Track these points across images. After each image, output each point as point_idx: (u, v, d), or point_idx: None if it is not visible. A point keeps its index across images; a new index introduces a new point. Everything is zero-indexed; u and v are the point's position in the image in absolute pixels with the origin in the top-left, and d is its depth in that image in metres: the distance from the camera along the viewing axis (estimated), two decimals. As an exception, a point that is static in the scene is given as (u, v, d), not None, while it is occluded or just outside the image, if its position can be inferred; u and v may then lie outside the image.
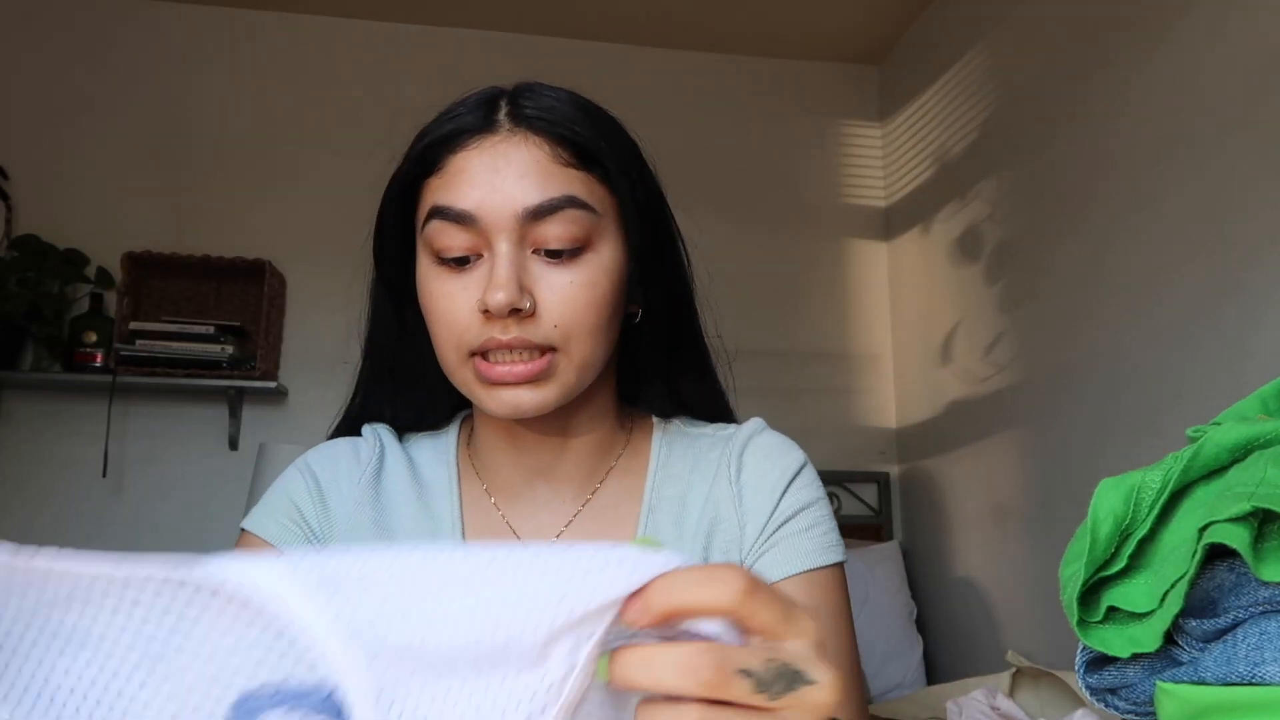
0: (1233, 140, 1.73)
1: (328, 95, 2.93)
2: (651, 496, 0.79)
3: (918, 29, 3.00)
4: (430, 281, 0.72)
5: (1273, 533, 0.53)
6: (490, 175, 0.69)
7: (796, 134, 3.19)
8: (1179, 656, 0.57)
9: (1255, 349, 1.66)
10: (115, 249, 2.65)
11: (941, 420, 2.77)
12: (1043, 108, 2.32)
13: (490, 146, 0.70)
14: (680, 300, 0.80)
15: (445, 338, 0.71)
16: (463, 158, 0.70)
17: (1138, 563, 0.59)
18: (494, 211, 0.68)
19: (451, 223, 0.69)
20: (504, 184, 0.69)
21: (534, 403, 0.70)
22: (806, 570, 0.74)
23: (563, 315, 0.69)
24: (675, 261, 0.80)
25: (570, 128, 0.71)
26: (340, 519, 0.77)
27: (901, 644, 2.58)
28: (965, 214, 2.66)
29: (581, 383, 0.72)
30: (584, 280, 0.70)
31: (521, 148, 0.70)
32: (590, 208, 0.70)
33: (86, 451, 2.64)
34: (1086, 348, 2.12)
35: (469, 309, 0.69)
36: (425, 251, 0.72)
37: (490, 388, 0.70)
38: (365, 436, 0.82)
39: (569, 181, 0.70)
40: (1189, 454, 0.59)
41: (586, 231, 0.70)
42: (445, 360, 0.72)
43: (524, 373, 0.69)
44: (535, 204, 0.68)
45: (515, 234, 0.68)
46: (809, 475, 0.79)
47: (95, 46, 2.86)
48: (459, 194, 0.69)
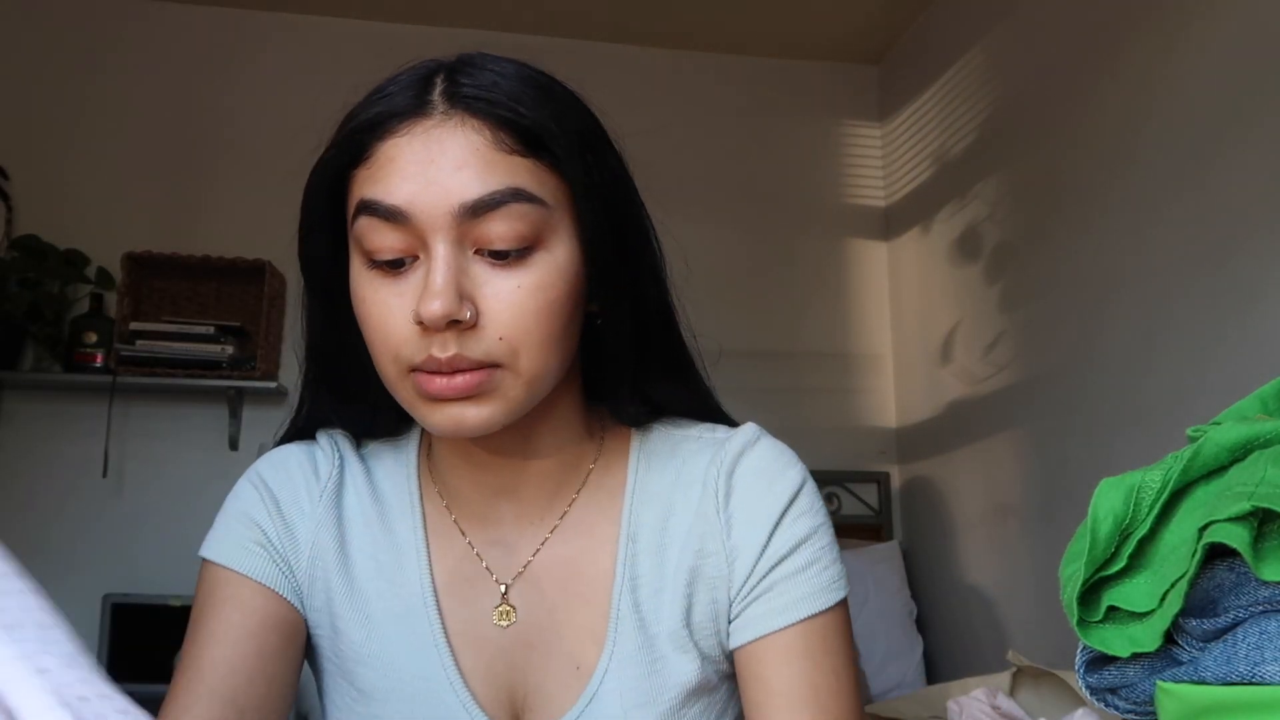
0: (1233, 140, 1.73)
1: (328, 95, 2.91)
2: (631, 521, 0.71)
3: (918, 29, 3.00)
4: (363, 287, 0.63)
5: (1273, 532, 0.53)
6: (423, 166, 0.60)
7: (796, 134, 3.19)
8: (1179, 656, 0.57)
9: (1256, 348, 1.66)
10: (115, 249, 2.65)
11: (941, 420, 2.77)
12: (1042, 108, 2.32)
13: (423, 132, 0.61)
14: (650, 296, 0.71)
15: (382, 351, 0.63)
16: (392, 145, 0.61)
17: (1138, 562, 0.59)
18: (428, 208, 0.60)
19: (382, 220, 0.61)
20: (439, 175, 0.60)
21: (478, 420, 0.62)
22: (804, 619, 0.67)
23: (509, 326, 0.61)
24: (643, 253, 0.70)
25: (514, 108, 0.61)
26: (304, 542, 0.70)
27: (901, 644, 2.58)
28: (965, 214, 2.66)
29: (533, 397, 0.64)
30: (533, 284, 0.61)
31: (458, 133, 0.61)
32: (539, 200, 0.61)
33: (86, 451, 2.64)
34: (1086, 348, 2.12)
35: (404, 319, 0.61)
36: (357, 251, 0.64)
37: (431, 404, 0.62)
38: (322, 445, 0.75)
39: (513, 171, 0.61)
40: (1189, 454, 0.59)
41: (535, 228, 0.61)
42: (384, 374, 0.64)
43: (462, 385, 0.60)
44: (474, 198, 0.59)
45: (453, 233, 0.60)
46: (807, 499, 0.70)
47: (96, 47, 2.86)
48: (388, 187, 0.60)
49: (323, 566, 0.70)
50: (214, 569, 0.69)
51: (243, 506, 0.71)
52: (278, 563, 0.69)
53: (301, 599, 0.70)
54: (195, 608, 0.69)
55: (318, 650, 0.72)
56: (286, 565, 0.70)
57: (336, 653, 0.70)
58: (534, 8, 2.95)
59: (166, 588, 2.55)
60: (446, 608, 0.70)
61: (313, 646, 0.72)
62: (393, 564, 0.71)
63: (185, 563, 1.15)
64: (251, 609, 0.67)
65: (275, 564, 0.69)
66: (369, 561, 0.71)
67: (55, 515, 2.63)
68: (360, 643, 0.69)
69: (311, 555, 0.70)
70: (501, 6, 2.94)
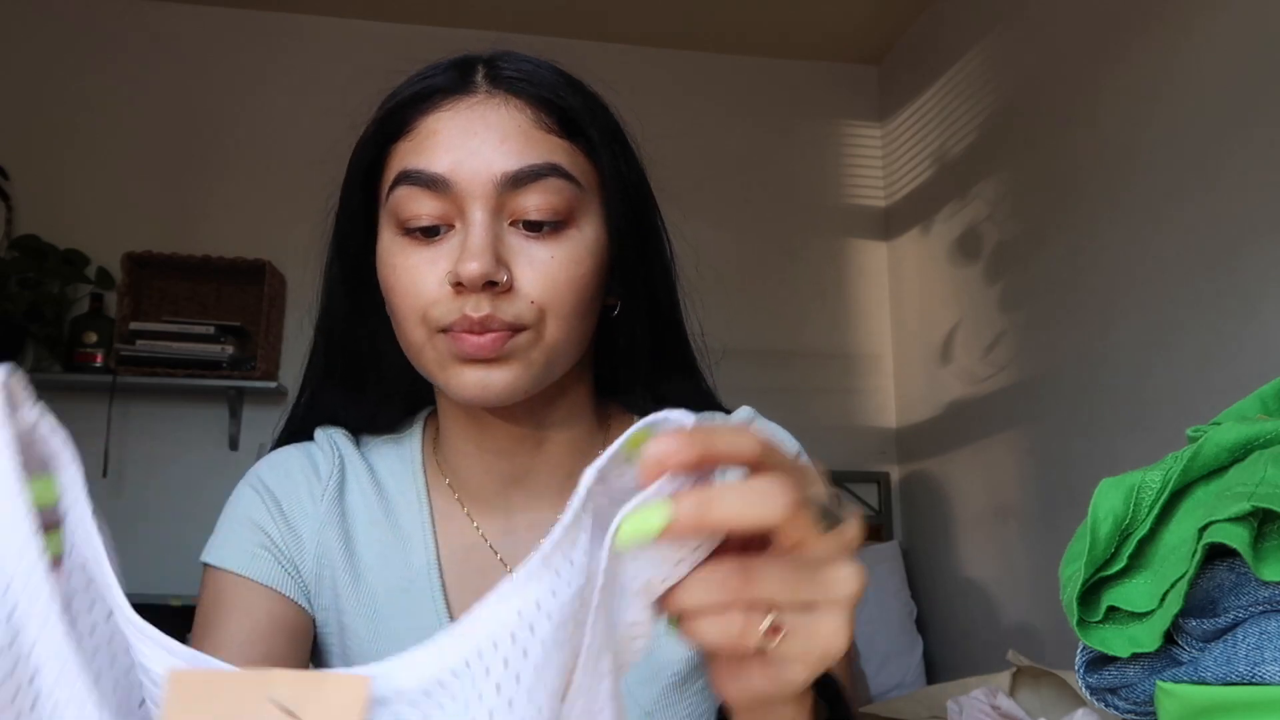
0: (1233, 140, 1.73)
1: (328, 95, 2.93)
2: None
3: (918, 29, 2.99)
4: (394, 255, 0.64)
5: (1272, 532, 0.53)
6: (466, 138, 0.62)
7: (796, 134, 3.19)
8: (1179, 656, 0.57)
9: (1256, 347, 1.66)
10: (115, 249, 2.65)
11: (941, 420, 2.77)
12: (1042, 108, 2.32)
13: (466, 108, 0.63)
14: (663, 294, 0.73)
15: (409, 313, 0.63)
16: (434, 119, 0.64)
17: (1138, 563, 0.59)
18: (470, 175, 0.61)
19: (421, 188, 0.62)
20: (481, 147, 0.62)
21: (503, 383, 0.63)
22: None
23: (541, 293, 0.62)
24: (659, 251, 0.73)
25: (555, 91, 0.65)
26: (309, 542, 0.70)
27: (901, 644, 2.58)
28: (965, 214, 2.66)
29: (550, 368, 0.65)
30: (565, 257, 0.63)
31: (501, 110, 0.63)
32: (574, 179, 0.64)
33: (86, 451, 2.62)
34: (1087, 347, 2.12)
35: (436, 282, 0.62)
36: (389, 224, 0.65)
37: (458, 366, 0.63)
38: (320, 444, 0.75)
39: (552, 149, 0.63)
40: (1189, 454, 0.59)
41: (569, 204, 0.63)
42: (409, 338, 0.65)
43: (491, 344, 0.61)
44: (515, 169, 0.62)
45: (492, 202, 0.62)
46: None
47: (96, 47, 2.86)
48: (431, 157, 0.62)
49: (329, 565, 0.70)
50: (218, 574, 0.69)
51: (245, 510, 0.71)
52: (283, 565, 0.69)
53: (309, 598, 0.70)
54: (200, 613, 0.68)
55: (324, 648, 0.72)
56: (292, 566, 0.70)
57: (344, 649, 0.70)
58: (534, 7, 2.95)
59: (166, 588, 2.55)
60: (455, 598, 0.70)
61: (319, 645, 0.72)
62: (399, 557, 0.71)
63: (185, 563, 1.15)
64: (258, 613, 0.67)
65: (281, 566, 0.69)
66: (375, 557, 0.71)
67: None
68: (368, 638, 0.70)
69: (317, 554, 0.70)
70: (502, 6, 2.94)
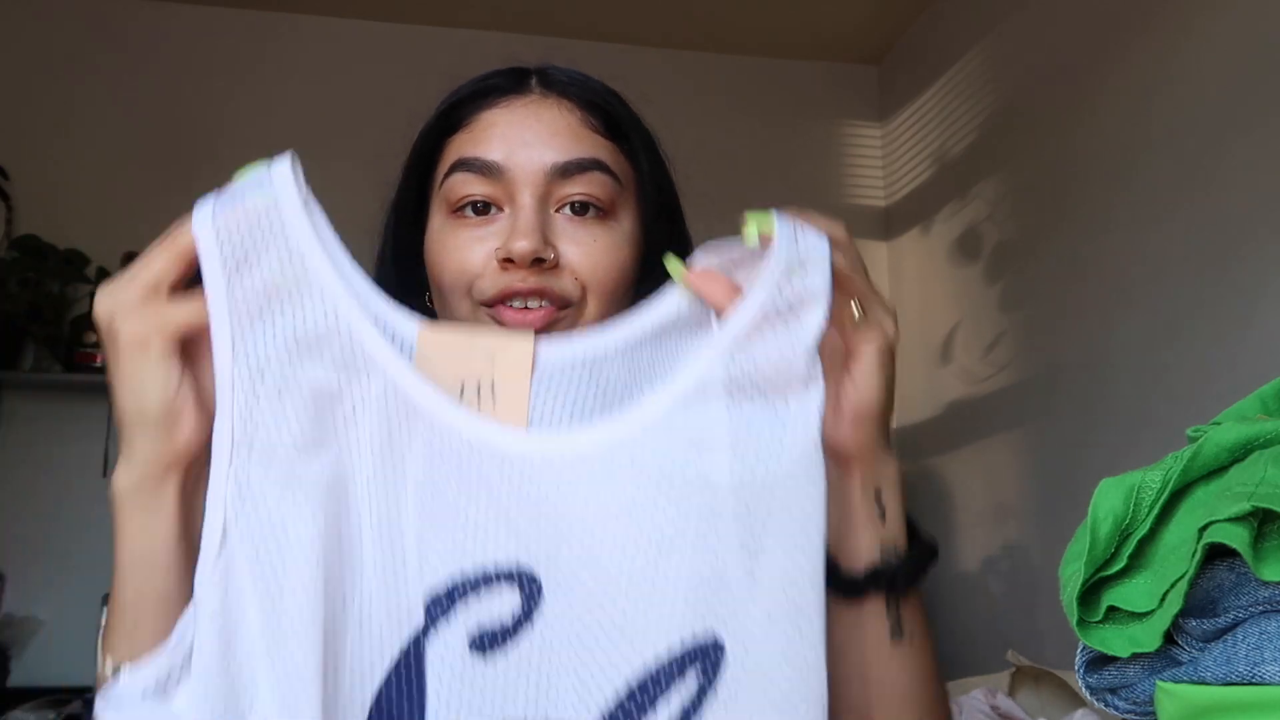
0: (1233, 140, 1.73)
1: (328, 95, 2.93)
2: None
3: (918, 29, 3.00)
4: (443, 234, 0.69)
5: (1273, 532, 0.53)
6: (520, 130, 0.69)
7: (796, 134, 3.19)
8: (1179, 656, 0.57)
9: (1255, 348, 1.66)
10: (115, 249, 2.64)
11: (941, 420, 2.77)
12: (1042, 108, 2.33)
13: (521, 106, 0.70)
14: None
15: (455, 286, 0.68)
16: (491, 114, 0.70)
17: (1138, 563, 0.59)
18: (522, 164, 0.67)
19: (475, 174, 0.68)
20: (534, 140, 0.68)
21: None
22: None
23: (586, 271, 0.67)
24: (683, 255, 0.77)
25: (602, 96, 0.72)
26: None
27: (901, 644, 2.58)
28: (965, 214, 2.66)
29: None
30: (608, 242, 0.69)
31: (553, 109, 0.70)
32: (616, 176, 0.70)
33: (86, 451, 2.63)
34: (1087, 347, 2.12)
35: (484, 257, 0.67)
36: (440, 209, 0.70)
37: None
38: None
39: (597, 147, 0.70)
40: (1189, 454, 0.59)
41: (611, 198, 0.69)
42: (454, 313, 0.69)
43: (536, 317, 0.66)
44: (564, 161, 0.68)
45: (541, 189, 0.67)
46: None
47: (96, 47, 2.86)
48: (487, 147, 0.68)
49: None
50: None
51: None
52: None
53: None
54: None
55: None
56: None
57: None
58: (534, 7, 2.95)
59: (166, 588, 2.55)
60: None
61: None
62: None
63: (185, 563, 1.14)
64: None
65: None
66: None
67: (55, 515, 2.63)
68: None
69: None
70: (501, 6, 2.94)
